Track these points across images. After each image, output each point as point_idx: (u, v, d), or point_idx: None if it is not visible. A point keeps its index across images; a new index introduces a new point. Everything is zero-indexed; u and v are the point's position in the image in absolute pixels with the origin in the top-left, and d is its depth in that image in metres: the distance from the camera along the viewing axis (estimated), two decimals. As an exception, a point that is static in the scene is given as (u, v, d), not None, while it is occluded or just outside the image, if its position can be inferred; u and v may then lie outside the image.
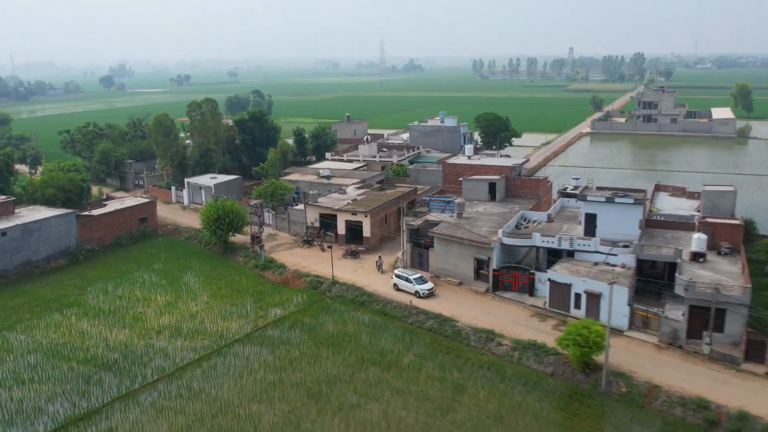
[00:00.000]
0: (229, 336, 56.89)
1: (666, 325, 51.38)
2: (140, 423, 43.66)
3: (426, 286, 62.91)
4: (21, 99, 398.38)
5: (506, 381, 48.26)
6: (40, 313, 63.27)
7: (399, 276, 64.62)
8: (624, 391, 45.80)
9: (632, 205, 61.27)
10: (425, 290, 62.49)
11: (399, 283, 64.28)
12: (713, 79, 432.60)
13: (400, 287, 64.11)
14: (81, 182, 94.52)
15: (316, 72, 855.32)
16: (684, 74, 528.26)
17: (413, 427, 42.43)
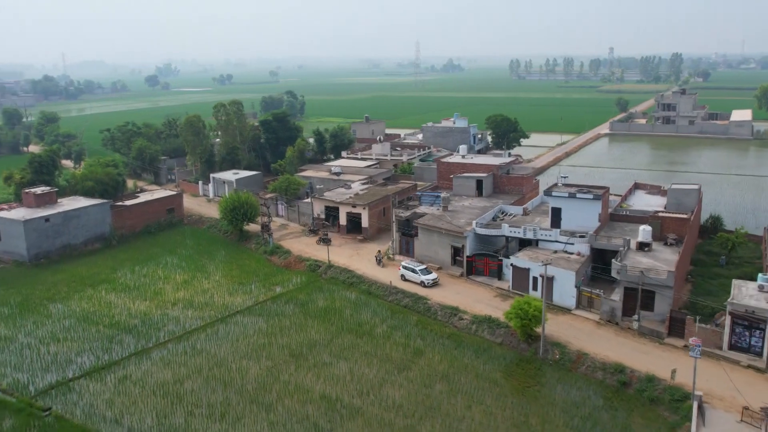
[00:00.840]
0: (233, 308, 66.19)
1: (605, 305, 58.82)
2: (150, 372, 53.14)
3: (430, 277, 68.88)
4: (71, 97, 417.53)
5: (460, 348, 56.40)
6: (76, 287, 73.53)
7: (406, 267, 70.50)
8: (557, 357, 53.52)
9: (592, 201, 68.64)
10: (430, 280, 68.50)
11: (406, 274, 70.00)
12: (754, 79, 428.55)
13: (406, 278, 69.63)
14: (117, 176, 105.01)
15: (356, 72, 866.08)
16: (724, 75, 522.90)
17: (372, 381, 50.93)
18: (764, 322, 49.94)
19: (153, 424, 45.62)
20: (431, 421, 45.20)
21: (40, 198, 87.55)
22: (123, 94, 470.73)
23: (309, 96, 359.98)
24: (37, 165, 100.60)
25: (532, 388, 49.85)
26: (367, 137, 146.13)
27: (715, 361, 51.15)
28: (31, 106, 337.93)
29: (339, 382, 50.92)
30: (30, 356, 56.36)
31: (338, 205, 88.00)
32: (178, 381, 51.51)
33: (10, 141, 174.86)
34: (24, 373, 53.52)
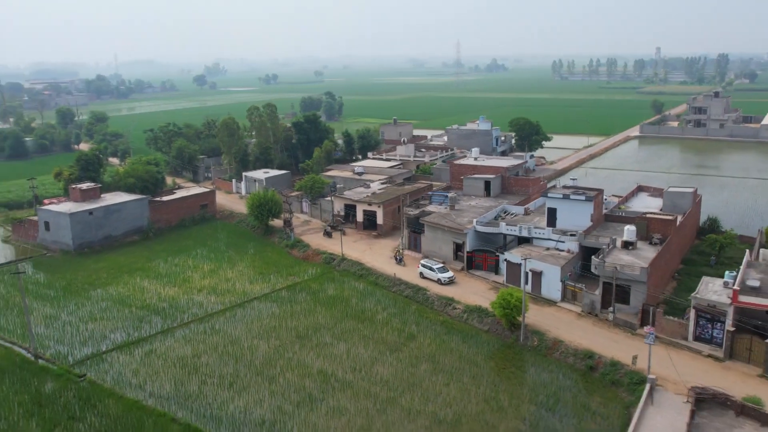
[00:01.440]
0: (251, 295, 73.16)
1: (586, 298, 63.81)
2: (172, 347, 60.37)
3: (447, 275, 72.43)
4: (121, 96, 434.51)
5: (449, 334, 62.17)
6: (114, 274, 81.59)
7: (424, 266, 74.93)
8: (536, 344, 58.86)
9: (584, 202, 73.49)
10: (446, 278, 72.20)
11: (424, 272, 74.32)
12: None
13: (425, 275, 73.84)
14: (156, 173, 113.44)
15: (402, 71, 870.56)
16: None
17: (365, 359, 57.13)
18: (724, 316, 54.38)
19: (171, 390, 52.67)
20: (411, 395, 51.15)
21: (85, 193, 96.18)
22: (171, 94, 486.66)
23: (350, 96, 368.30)
24: (84, 163, 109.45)
25: (507, 370, 55.36)
26: (394, 139, 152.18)
27: (679, 350, 55.82)
28: (83, 105, 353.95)
29: (336, 360, 57.26)
30: (70, 332, 64.22)
31: (355, 203, 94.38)
32: (196, 355, 58.57)
33: (63, 139, 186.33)
34: (65, 345, 61.32)
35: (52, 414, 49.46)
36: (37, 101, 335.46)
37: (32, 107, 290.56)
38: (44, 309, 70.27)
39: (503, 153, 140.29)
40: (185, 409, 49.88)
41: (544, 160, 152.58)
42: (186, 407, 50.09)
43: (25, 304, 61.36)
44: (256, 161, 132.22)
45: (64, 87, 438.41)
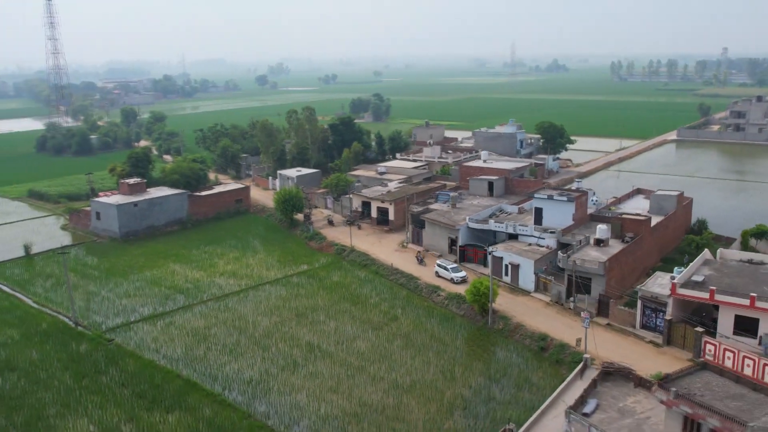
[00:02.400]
0: (265, 279, 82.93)
1: (554, 289, 70.87)
2: (189, 320, 70.56)
3: (460, 274, 76.76)
4: (186, 96, 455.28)
5: (429, 317, 70.29)
6: (152, 259, 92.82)
7: (439, 265, 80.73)
8: (501, 327, 66.40)
9: (566, 202, 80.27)
10: (458, 277, 76.50)
11: (439, 271, 79.94)
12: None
13: (440, 274, 79.52)
14: (199, 171, 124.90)
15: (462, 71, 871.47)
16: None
17: (349, 335, 65.90)
18: (664, 306, 60.79)
19: (181, 353, 62.70)
20: (380, 365, 59.64)
21: (132, 187, 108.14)
22: (234, 93, 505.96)
23: (402, 97, 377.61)
24: (135, 160, 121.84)
25: (469, 348, 63.19)
26: (425, 140, 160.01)
27: (627, 336, 62.53)
28: (150, 104, 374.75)
29: (324, 334, 66.27)
30: (107, 305, 75.31)
31: (370, 201, 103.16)
32: (207, 327, 68.55)
33: (124, 137, 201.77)
34: (100, 316, 72.34)
35: (82, 368, 60.16)
36: (107, 100, 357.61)
37: (102, 106, 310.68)
38: (88, 286, 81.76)
39: (528, 155, 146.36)
40: (189, 368, 59.76)
41: (571, 162, 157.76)
42: (190, 367, 59.98)
43: (68, 280, 72.89)
44: (293, 160, 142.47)
45: (133, 86, 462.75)
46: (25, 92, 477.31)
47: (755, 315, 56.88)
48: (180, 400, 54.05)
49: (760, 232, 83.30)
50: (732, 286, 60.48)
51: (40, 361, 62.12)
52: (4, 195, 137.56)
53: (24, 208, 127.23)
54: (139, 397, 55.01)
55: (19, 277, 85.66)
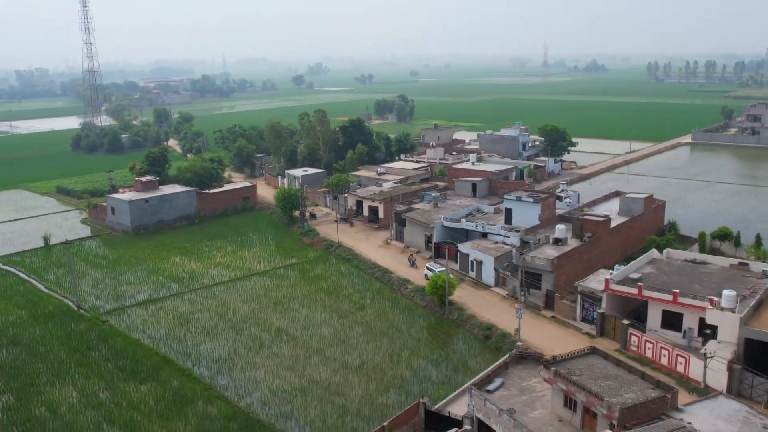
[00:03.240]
0: (254, 271, 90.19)
1: (510, 283, 76.36)
2: (177, 306, 78.16)
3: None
4: (223, 95, 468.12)
5: (393, 307, 76.50)
6: (157, 251, 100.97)
7: (428, 267, 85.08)
8: (455, 317, 72.25)
9: (532, 204, 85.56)
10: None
11: (427, 273, 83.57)
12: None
13: (427, 276, 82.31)
14: (212, 169, 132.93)
15: (500, 71, 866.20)
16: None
17: (316, 321, 72.53)
18: (599, 301, 65.91)
19: (164, 334, 70.24)
20: (336, 348, 66.15)
21: (145, 184, 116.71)
22: (271, 93, 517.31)
23: (433, 98, 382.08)
24: (152, 159, 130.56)
25: (420, 335, 69.20)
26: (434, 142, 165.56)
27: (567, 328, 67.81)
28: (187, 104, 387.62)
29: (294, 321, 73.09)
30: (108, 291, 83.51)
31: (362, 200, 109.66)
32: (192, 312, 76.02)
33: (154, 136, 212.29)
34: (101, 300, 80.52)
35: (76, 345, 68.16)
36: (146, 99, 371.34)
37: (137, 106, 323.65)
38: (95, 274, 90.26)
39: (530, 157, 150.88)
40: (168, 347, 67.23)
41: (575, 164, 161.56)
42: (169, 346, 67.44)
43: (72, 268, 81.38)
44: (304, 160, 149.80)
45: (174, 86, 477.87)
46: (70, 91, 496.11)
47: (679, 310, 61.59)
48: (154, 374, 61.48)
49: (722, 234, 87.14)
50: (664, 284, 65.23)
51: (41, 337, 70.35)
52: (35, 190, 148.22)
53: (51, 202, 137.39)
54: (120, 370, 62.63)
55: (35, 265, 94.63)
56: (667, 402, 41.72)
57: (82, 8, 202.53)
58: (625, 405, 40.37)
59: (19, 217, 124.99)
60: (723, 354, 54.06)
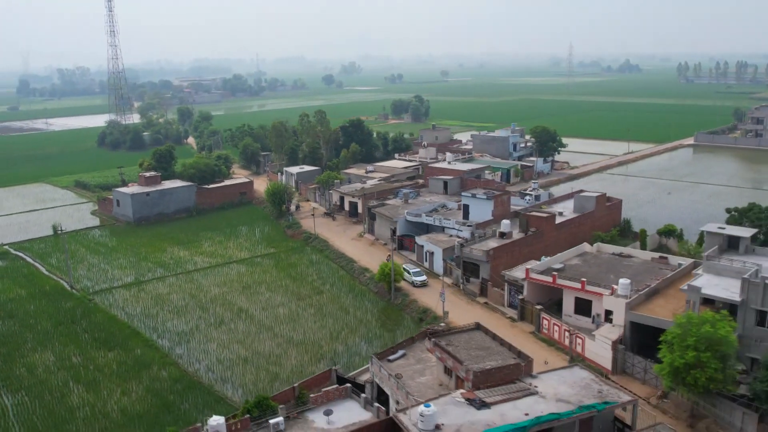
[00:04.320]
0: (234, 259, 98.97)
1: (454, 273, 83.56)
2: (156, 288, 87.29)
3: (419, 278, 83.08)
4: (253, 94, 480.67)
5: (348, 292, 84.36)
6: (152, 240, 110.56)
7: (404, 269, 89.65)
8: (399, 302, 79.79)
9: (486, 200, 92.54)
10: (418, 281, 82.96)
11: (404, 274, 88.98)
12: None
13: (404, 277, 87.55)
14: (215, 166, 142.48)
15: (535, 71, 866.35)
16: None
17: (275, 303, 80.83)
18: (522, 288, 72.79)
19: (139, 311, 79.34)
20: (285, 326, 74.35)
21: (148, 179, 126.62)
22: (301, 92, 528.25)
23: (455, 98, 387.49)
24: (158, 156, 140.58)
25: (364, 317, 76.91)
26: (431, 142, 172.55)
27: (494, 312, 74.82)
28: (217, 102, 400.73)
29: (256, 302, 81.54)
30: (100, 275, 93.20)
31: (344, 196, 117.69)
32: (168, 293, 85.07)
33: (175, 134, 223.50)
34: (92, 282, 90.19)
35: (62, 319, 77.68)
36: (177, 98, 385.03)
37: (170, 104, 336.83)
38: (92, 259, 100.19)
39: (520, 158, 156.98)
40: (140, 322, 76.30)
41: (567, 164, 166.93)
42: (141, 321, 76.52)
43: (67, 253, 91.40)
44: (305, 158, 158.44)
45: (206, 85, 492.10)
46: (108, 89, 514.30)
47: (588, 297, 68.09)
48: (122, 343, 70.56)
49: (667, 231, 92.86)
50: (582, 274, 71.70)
51: (33, 312, 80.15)
52: (56, 184, 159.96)
53: (69, 195, 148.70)
54: (94, 339, 71.88)
55: (42, 251, 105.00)
56: (521, 369, 48.78)
57: (108, 12, 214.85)
58: (479, 369, 47.62)
59: (37, 208, 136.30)
60: (610, 336, 60.68)
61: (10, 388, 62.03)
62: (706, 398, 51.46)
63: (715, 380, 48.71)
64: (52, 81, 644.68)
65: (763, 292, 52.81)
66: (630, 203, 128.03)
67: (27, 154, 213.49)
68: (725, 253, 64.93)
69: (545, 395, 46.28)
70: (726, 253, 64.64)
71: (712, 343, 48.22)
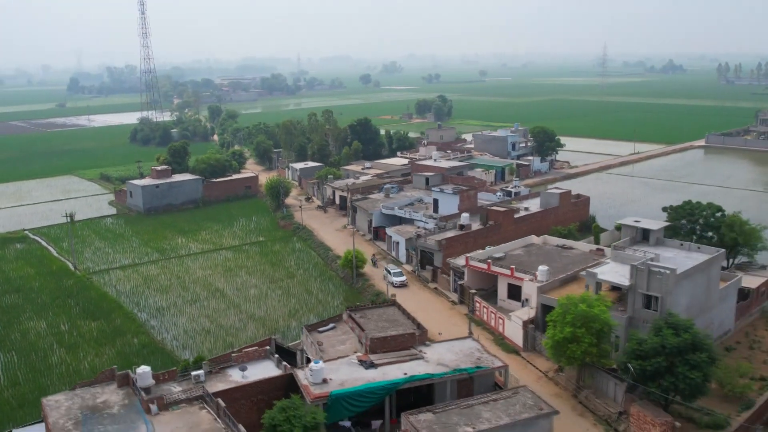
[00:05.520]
0: (224, 246, 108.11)
1: (413, 260, 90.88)
2: (149, 269, 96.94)
3: (398, 279, 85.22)
4: (290, 93, 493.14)
5: (318, 277, 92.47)
6: (157, 228, 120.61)
7: (386, 269, 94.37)
8: (359, 286, 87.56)
9: (452, 195, 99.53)
10: (397, 281, 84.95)
11: (385, 274, 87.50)
12: None
13: (385, 277, 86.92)
14: (225, 161, 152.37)
15: (578, 71, 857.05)
16: None
17: (248, 284, 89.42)
18: (462, 274, 79.77)
19: (128, 289, 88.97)
20: (251, 304, 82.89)
21: (159, 173, 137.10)
22: (338, 91, 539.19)
23: (482, 98, 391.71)
24: (173, 151, 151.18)
25: (324, 297, 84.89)
26: (436, 141, 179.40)
27: (440, 296, 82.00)
28: (253, 101, 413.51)
29: (232, 284, 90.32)
30: (102, 257, 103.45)
31: (335, 190, 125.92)
32: (157, 275, 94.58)
33: (202, 131, 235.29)
34: (93, 263, 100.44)
35: (60, 293, 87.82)
36: (215, 96, 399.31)
37: (205, 102, 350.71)
38: (98, 244, 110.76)
39: (519, 157, 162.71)
40: (126, 298, 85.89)
41: (568, 164, 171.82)
42: (127, 297, 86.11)
43: (71, 237, 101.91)
44: (314, 155, 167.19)
45: (245, 84, 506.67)
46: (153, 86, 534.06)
47: (518, 283, 74.66)
48: (106, 315, 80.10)
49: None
50: (519, 262, 78.26)
51: (37, 288, 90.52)
52: (83, 176, 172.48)
53: (93, 187, 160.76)
54: (83, 311, 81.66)
55: (56, 236, 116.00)
56: (415, 338, 56.17)
57: (140, 15, 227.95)
58: (375, 337, 55.17)
59: (62, 198, 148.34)
60: (522, 317, 67.40)
61: (3, 349, 72.05)
62: (587, 371, 57.93)
63: (590, 354, 55.15)
64: (102, 79, 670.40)
65: (647, 277, 58.85)
66: (615, 201, 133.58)
67: (63, 148, 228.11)
68: (638, 244, 70.67)
69: (429, 360, 53.62)
70: (638, 244, 70.39)
71: (587, 320, 54.64)
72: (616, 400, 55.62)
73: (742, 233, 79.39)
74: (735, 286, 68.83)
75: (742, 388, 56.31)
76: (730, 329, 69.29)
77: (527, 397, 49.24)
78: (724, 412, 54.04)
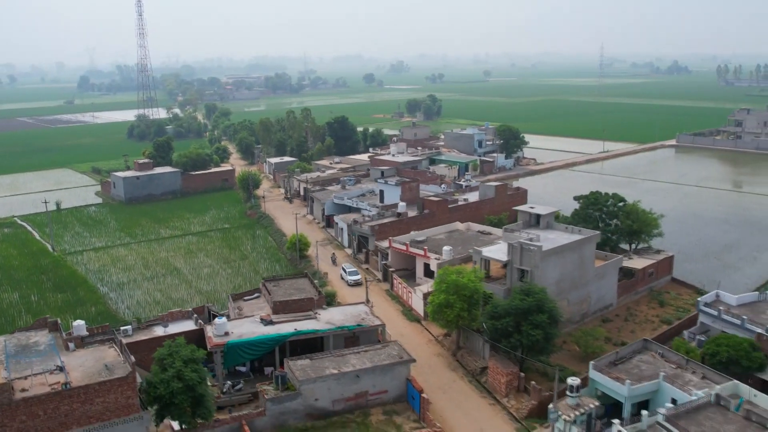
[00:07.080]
0: (191, 231, 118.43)
1: (352, 244, 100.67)
2: (119, 251, 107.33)
3: (353, 278, 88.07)
4: (293, 92, 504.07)
5: (266, 259, 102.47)
6: (135, 215, 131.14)
7: (342, 268, 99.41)
8: (302, 266, 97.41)
9: (394, 186, 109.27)
10: (352, 280, 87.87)
11: (341, 273, 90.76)
12: None
13: (342, 276, 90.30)
14: (205, 156, 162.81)
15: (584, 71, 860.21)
16: None
17: (203, 264, 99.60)
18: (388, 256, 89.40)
19: (96, 267, 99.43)
20: (203, 281, 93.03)
21: (141, 165, 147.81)
22: (340, 90, 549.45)
23: (477, 98, 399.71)
24: (158, 146, 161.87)
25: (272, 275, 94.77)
26: (409, 138, 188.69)
27: (368, 274, 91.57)
28: (255, 99, 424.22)
29: (189, 263, 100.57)
30: (79, 240, 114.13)
31: (300, 182, 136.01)
32: (125, 256, 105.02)
33: (196, 128, 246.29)
34: (71, 245, 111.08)
35: (35, 270, 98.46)
36: (217, 95, 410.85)
37: (208, 100, 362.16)
38: (78, 229, 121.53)
39: (486, 153, 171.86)
40: (92, 275, 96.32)
41: (534, 161, 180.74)
42: (93, 275, 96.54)
43: (50, 223, 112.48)
44: (292, 151, 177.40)
45: (249, 83, 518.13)
46: (160, 84, 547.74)
47: (430, 262, 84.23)
48: (71, 289, 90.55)
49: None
50: (438, 245, 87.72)
51: (16, 266, 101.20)
52: (76, 169, 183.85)
53: (84, 179, 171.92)
54: (53, 285, 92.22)
55: (41, 222, 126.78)
56: (313, 302, 66.03)
57: (137, 16, 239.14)
58: (278, 300, 65.07)
59: (54, 188, 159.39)
60: (424, 290, 77.00)
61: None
62: (464, 334, 67.52)
63: (463, 318, 64.59)
64: (113, 77, 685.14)
65: (520, 254, 68.30)
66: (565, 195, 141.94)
67: (64, 144, 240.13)
68: (531, 227, 79.95)
69: (320, 320, 63.46)
70: (531, 228, 79.68)
71: (458, 289, 64.09)
72: (484, 357, 65.13)
73: (638, 221, 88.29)
74: (614, 265, 77.90)
75: (594, 349, 65.55)
76: (611, 304, 78.40)
77: (394, 350, 58.97)
78: (577, 369, 63.31)
